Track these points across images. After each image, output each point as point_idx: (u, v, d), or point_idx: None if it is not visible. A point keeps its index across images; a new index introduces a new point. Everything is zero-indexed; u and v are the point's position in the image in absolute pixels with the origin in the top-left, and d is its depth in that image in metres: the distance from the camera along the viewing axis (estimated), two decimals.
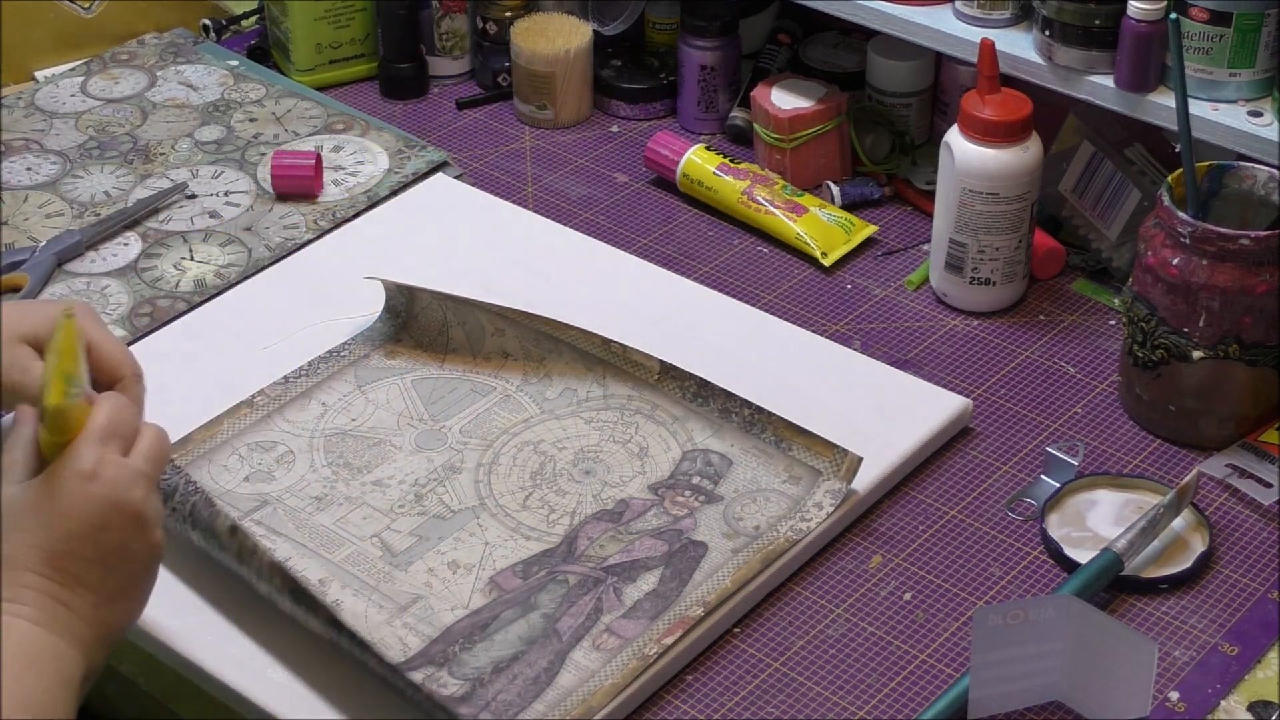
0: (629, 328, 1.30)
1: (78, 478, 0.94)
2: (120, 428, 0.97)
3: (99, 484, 0.94)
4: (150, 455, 0.98)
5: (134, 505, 0.95)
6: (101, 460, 0.94)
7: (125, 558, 0.95)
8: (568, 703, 1.03)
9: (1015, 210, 1.33)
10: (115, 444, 0.96)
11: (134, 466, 0.96)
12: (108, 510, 0.94)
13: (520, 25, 1.62)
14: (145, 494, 0.96)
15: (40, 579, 0.93)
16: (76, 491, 0.93)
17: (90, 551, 0.94)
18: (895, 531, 1.19)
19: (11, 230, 1.45)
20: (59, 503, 0.93)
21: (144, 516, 0.95)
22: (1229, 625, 1.11)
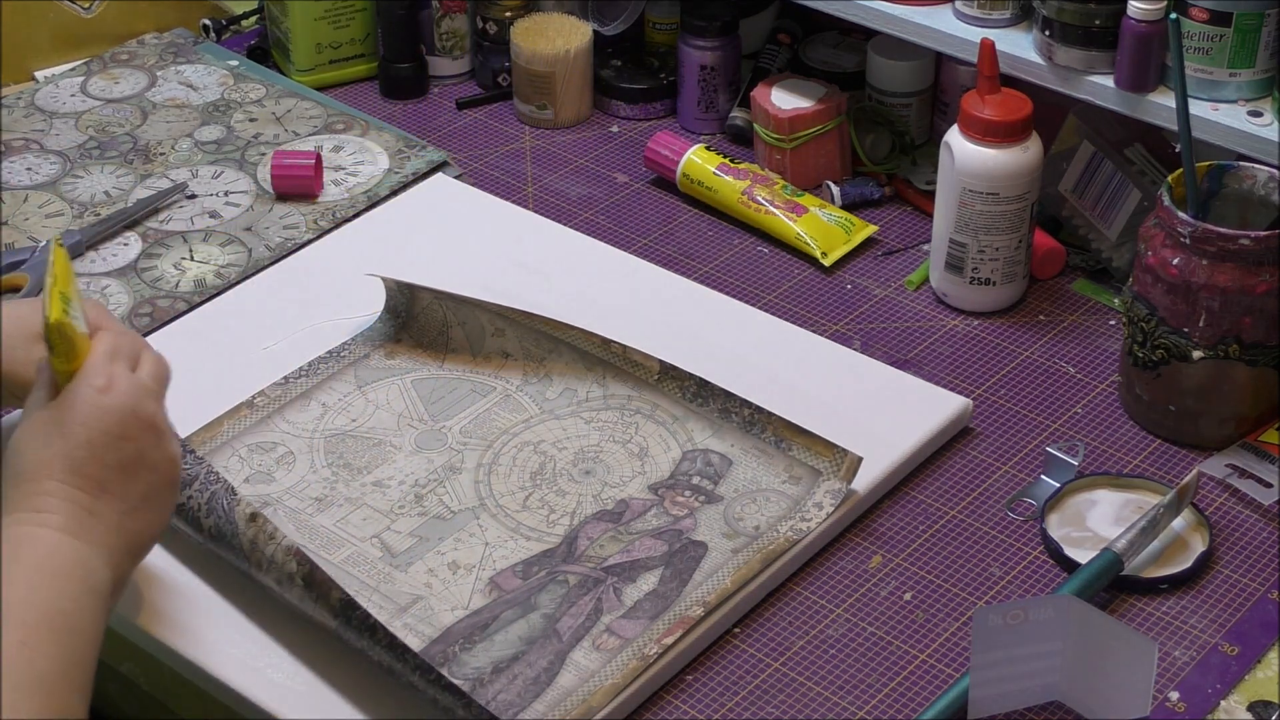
0: (629, 328, 1.30)
1: (92, 390, 0.97)
2: (125, 349, 1.01)
3: (113, 394, 0.97)
4: (156, 374, 1.02)
5: (148, 414, 0.98)
6: (113, 374, 0.98)
7: (145, 465, 0.98)
8: (568, 703, 1.03)
9: (1015, 210, 1.33)
10: (123, 362, 1.00)
11: (143, 381, 1.00)
12: (124, 418, 0.97)
13: (520, 25, 1.62)
14: (157, 406, 1.00)
15: (65, 486, 0.95)
16: (92, 402, 0.97)
17: (112, 458, 0.96)
18: (895, 531, 1.19)
19: (11, 230, 1.45)
20: (77, 413, 0.96)
21: (159, 426, 0.99)
22: (1229, 625, 1.11)
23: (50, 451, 0.96)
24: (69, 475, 0.95)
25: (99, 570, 0.95)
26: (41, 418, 0.98)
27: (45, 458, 0.96)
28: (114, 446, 0.97)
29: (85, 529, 0.95)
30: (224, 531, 1.09)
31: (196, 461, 1.13)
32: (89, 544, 0.95)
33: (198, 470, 1.12)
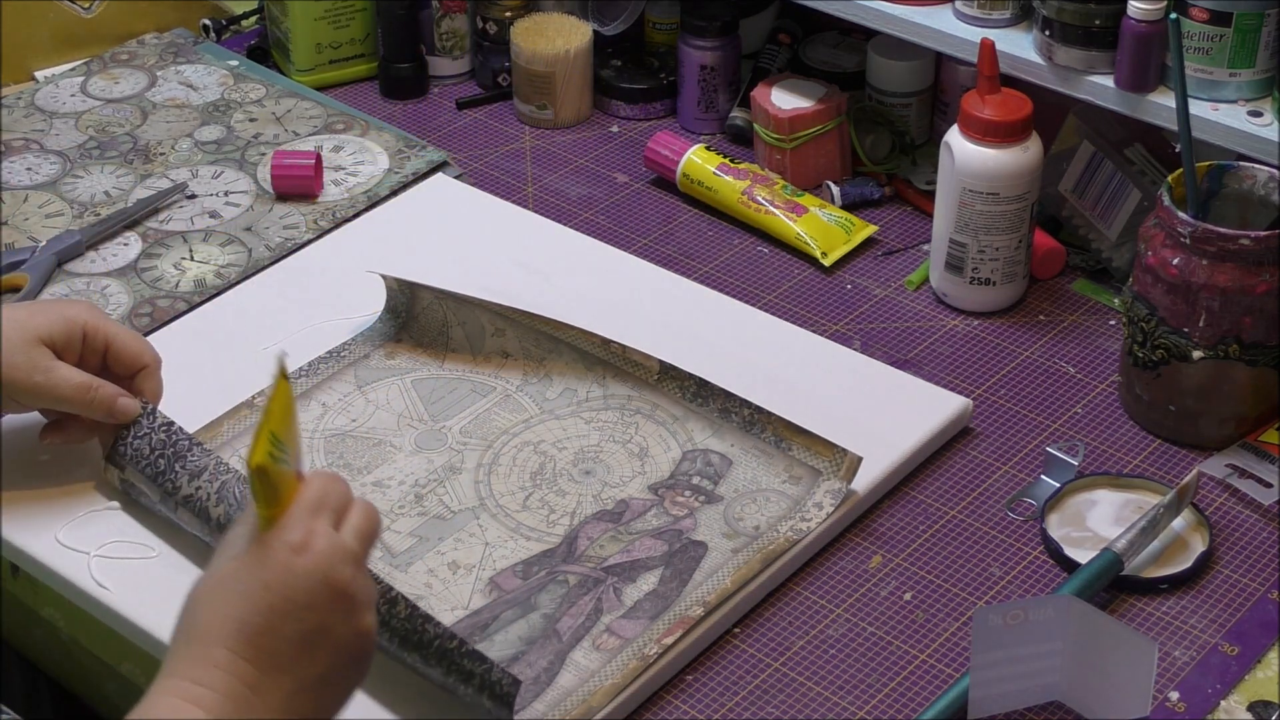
0: (629, 328, 1.30)
1: (285, 548, 0.88)
2: (332, 500, 0.92)
3: (307, 556, 0.88)
4: (361, 532, 0.92)
5: (342, 581, 0.89)
6: (311, 531, 0.89)
7: (328, 642, 0.89)
8: (568, 703, 1.03)
9: (1015, 210, 1.33)
10: (326, 516, 0.91)
11: (344, 542, 0.91)
12: (314, 585, 0.88)
13: (520, 25, 1.62)
14: (355, 572, 0.90)
15: (232, 656, 0.86)
16: (282, 563, 0.88)
17: (291, 629, 0.87)
18: (895, 531, 1.19)
19: (11, 230, 1.45)
20: (263, 573, 0.88)
21: (352, 596, 0.90)
22: (1229, 625, 1.11)
23: (225, 613, 0.87)
24: (239, 643, 0.86)
25: None
26: (227, 570, 0.89)
27: (219, 619, 0.87)
28: (296, 617, 0.87)
29: (244, 709, 0.86)
30: (234, 520, 1.09)
31: (205, 453, 1.13)
32: None
33: (207, 461, 1.12)
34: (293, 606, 0.87)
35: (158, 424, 1.15)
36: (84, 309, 1.15)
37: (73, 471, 1.20)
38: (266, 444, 0.87)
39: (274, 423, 0.88)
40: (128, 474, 1.16)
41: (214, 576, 0.89)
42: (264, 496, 0.89)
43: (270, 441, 0.88)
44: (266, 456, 0.87)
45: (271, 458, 0.88)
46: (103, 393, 1.14)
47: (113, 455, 1.16)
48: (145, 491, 1.15)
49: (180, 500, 1.12)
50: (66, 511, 1.17)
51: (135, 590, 1.12)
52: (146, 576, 1.13)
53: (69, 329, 1.13)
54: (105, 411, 1.14)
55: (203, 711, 0.85)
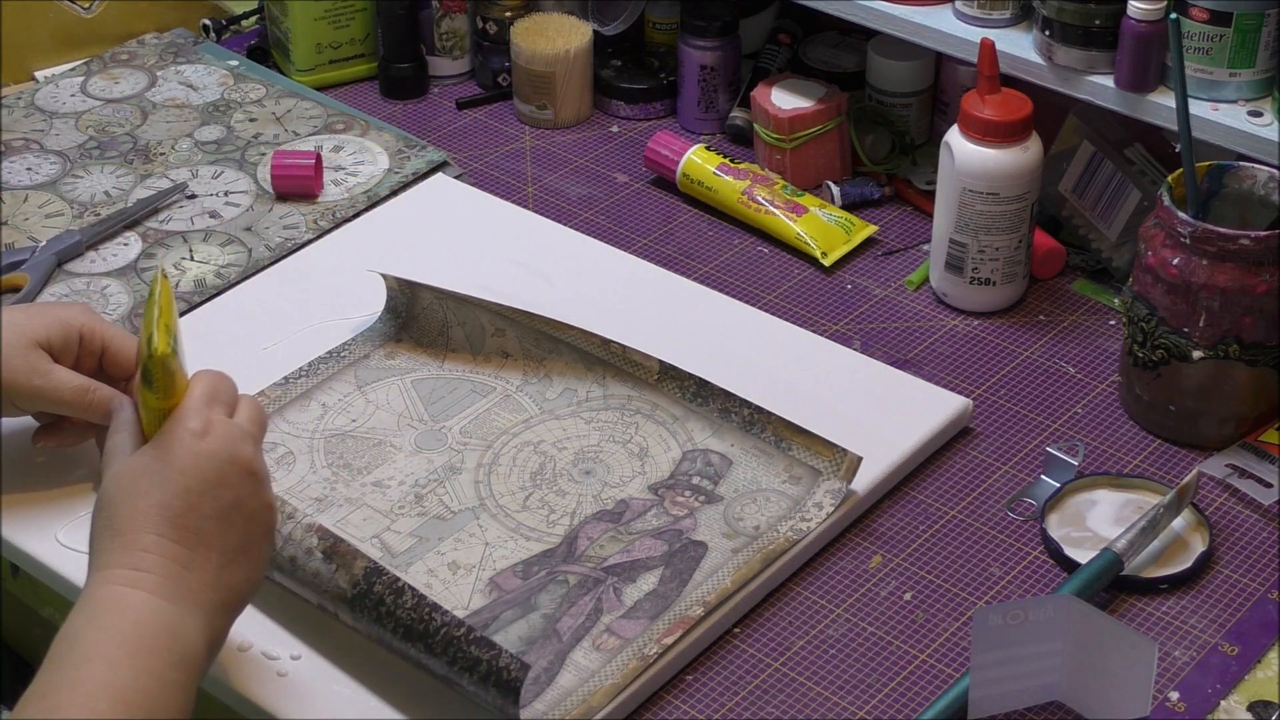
0: (629, 328, 1.30)
1: (190, 435, 0.95)
2: (222, 393, 0.99)
3: (211, 439, 0.95)
4: (253, 417, 1.00)
5: (246, 460, 0.96)
6: (210, 420, 0.96)
7: (243, 514, 0.96)
8: (568, 703, 1.03)
9: (1015, 210, 1.33)
10: (220, 407, 0.98)
11: (241, 426, 0.98)
12: (222, 465, 0.95)
13: (520, 25, 1.62)
14: (255, 451, 0.97)
15: (161, 540, 0.92)
16: (190, 448, 0.94)
17: (209, 507, 0.94)
18: (895, 531, 1.19)
19: (11, 230, 1.45)
20: (174, 460, 0.94)
21: (257, 472, 0.97)
22: (1229, 625, 1.11)
23: (147, 501, 0.93)
24: (166, 527, 0.93)
25: (191, 635, 0.92)
26: (136, 464, 0.95)
27: (142, 508, 0.93)
28: (211, 495, 0.94)
29: (180, 588, 0.92)
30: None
31: None
32: (183, 605, 0.92)
33: None
34: (207, 485, 0.94)
35: None
36: (80, 312, 1.15)
37: (72, 472, 1.20)
38: (166, 335, 0.93)
39: (167, 317, 0.94)
40: None
41: (122, 473, 0.95)
42: (163, 386, 0.95)
43: (168, 333, 0.94)
44: (168, 346, 0.93)
45: (171, 349, 0.94)
46: (100, 395, 1.14)
47: None
48: None
49: None
50: (66, 512, 1.17)
51: None
52: None
53: (66, 332, 1.13)
54: (103, 414, 1.14)
55: (145, 591, 0.90)
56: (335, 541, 1.05)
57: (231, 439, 0.96)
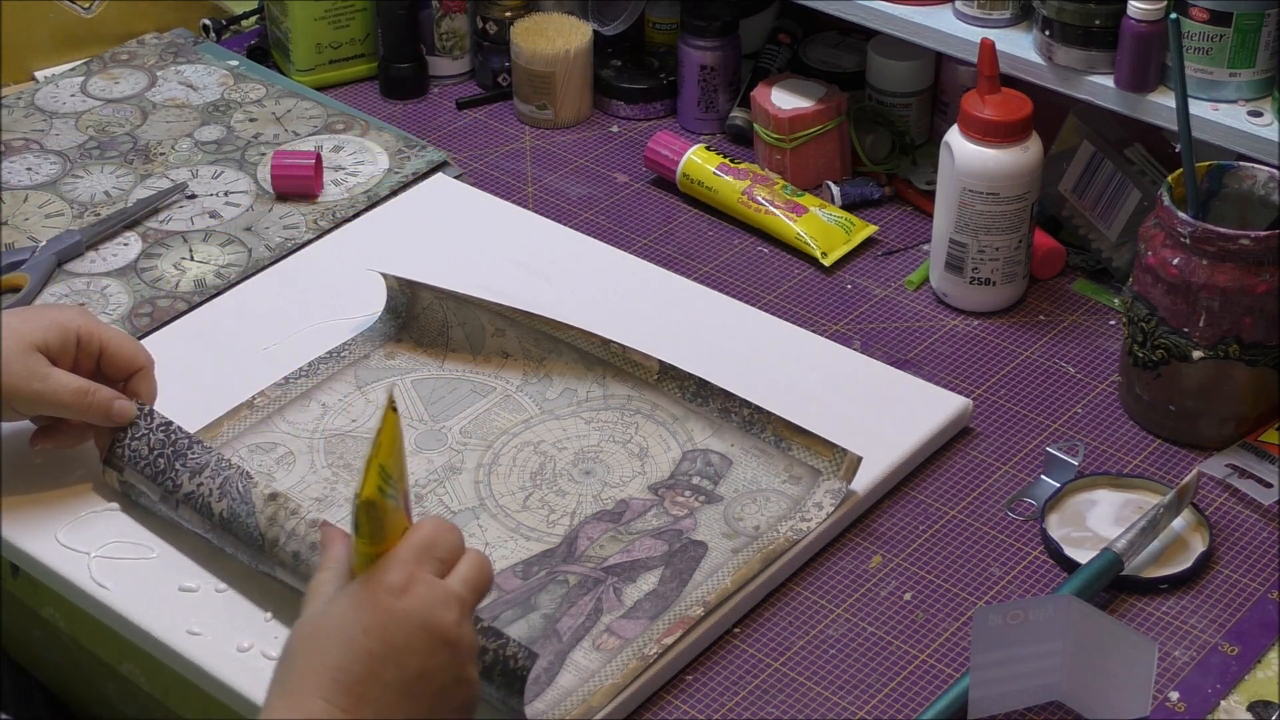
0: (629, 328, 1.30)
1: (385, 590, 0.85)
2: (440, 548, 0.89)
3: (408, 600, 0.86)
4: (470, 581, 0.89)
5: (444, 627, 0.86)
6: (414, 576, 0.86)
7: (430, 688, 0.86)
8: (568, 703, 1.03)
9: (1015, 210, 1.33)
10: (431, 563, 0.88)
11: (449, 587, 0.88)
12: (414, 630, 0.85)
13: (520, 25, 1.62)
14: (459, 618, 0.87)
15: (329, 707, 0.83)
16: (382, 606, 0.85)
17: (391, 676, 0.84)
18: (895, 531, 1.19)
19: (11, 230, 1.45)
20: (361, 617, 0.85)
21: (456, 642, 0.87)
22: (1229, 625, 1.11)
23: (321, 660, 0.84)
24: (338, 694, 0.83)
25: None
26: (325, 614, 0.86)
27: (316, 666, 0.84)
28: (395, 661, 0.84)
29: None
30: (237, 513, 1.09)
31: (205, 450, 1.13)
32: None
33: (207, 458, 1.12)
34: (392, 651, 0.84)
35: (155, 424, 1.15)
36: (76, 314, 1.15)
37: (72, 472, 1.20)
38: (376, 478, 0.84)
39: (383, 456, 0.85)
40: (127, 476, 1.16)
41: (311, 621, 0.86)
42: (369, 532, 0.86)
43: (380, 475, 0.85)
44: (376, 490, 0.84)
45: (380, 492, 0.85)
46: (99, 396, 1.14)
47: (111, 458, 1.16)
48: (145, 492, 1.15)
49: (181, 498, 1.12)
50: (66, 512, 1.17)
51: (135, 590, 1.12)
52: (146, 577, 1.13)
53: (63, 335, 1.13)
54: (103, 415, 1.14)
55: None
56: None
57: (432, 602, 0.86)
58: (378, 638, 0.84)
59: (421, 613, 0.86)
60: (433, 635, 0.86)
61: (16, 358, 1.11)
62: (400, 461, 0.88)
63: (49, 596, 1.19)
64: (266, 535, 1.07)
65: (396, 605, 0.85)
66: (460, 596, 0.88)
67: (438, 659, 0.86)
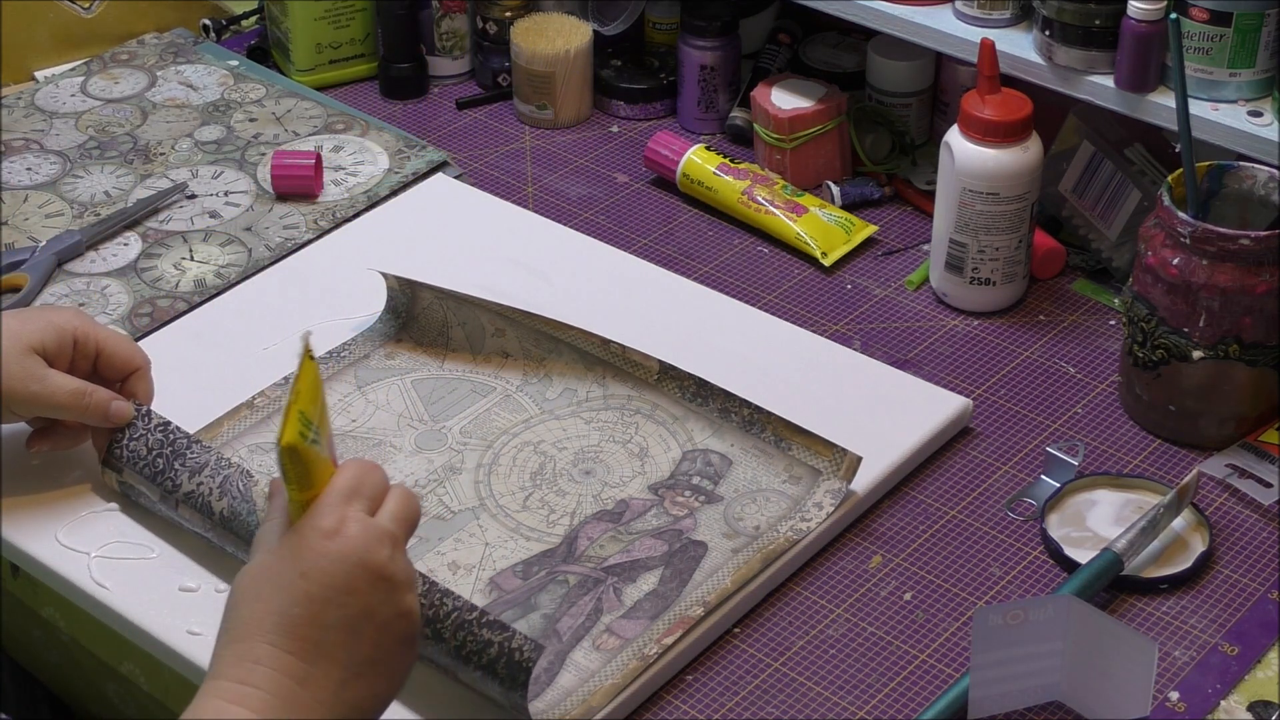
0: (629, 328, 1.30)
1: (318, 534, 0.87)
2: (366, 487, 0.91)
3: (340, 540, 0.87)
4: (398, 515, 0.91)
5: (379, 563, 0.88)
6: (345, 517, 0.88)
7: (374, 623, 0.88)
8: (568, 703, 1.03)
9: (1015, 210, 1.33)
10: (360, 502, 0.90)
11: (380, 524, 0.90)
12: (351, 569, 0.87)
13: (520, 25, 1.62)
14: (392, 553, 0.89)
15: (276, 651, 0.85)
16: (316, 548, 0.87)
17: (333, 616, 0.86)
18: (895, 531, 1.19)
19: (11, 230, 1.45)
20: (298, 562, 0.87)
21: (392, 577, 0.89)
22: (1229, 625, 1.11)
23: (264, 607, 0.86)
24: (282, 637, 0.85)
25: None
26: (262, 564, 0.88)
27: (258, 614, 0.86)
28: (336, 602, 0.86)
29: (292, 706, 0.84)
30: (238, 512, 1.09)
31: (204, 450, 1.13)
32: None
33: (207, 458, 1.12)
34: (332, 592, 0.87)
35: (154, 424, 1.15)
36: (72, 315, 1.15)
37: (72, 473, 1.20)
38: (296, 423, 0.86)
39: (302, 402, 0.87)
40: (126, 476, 1.16)
41: (250, 571, 0.88)
42: (296, 478, 0.88)
43: (300, 421, 0.86)
44: (297, 435, 0.86)
45: (301, 437, 0.86)
46: (97, 398, 1.14)
47: (109, 459, 1.16)
48: (144, 492, 1.15)
49: (181, 498, 1.12)
50: (66, 512, 1.17)
51: (135, 590, 1.12)
52: (146, 577, 1.13)
53: (60, 336, 1.13)
54: (101, 416, 1.14)
55: (249, 711, 0.84)
56: None
57: (366, 540, 0.88)
58: (316, 580, 0.86)
59: (356, 552, 0.88)
60: (369, 572, 0.88)
61: (14, 359, 1.11)
62: (321, 407, 0.90)
63: (49, 596, 1.19)
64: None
65: (331, 547, 0.87)
66: (391, 532, 0.90)
67: (376, 595, 0.88)
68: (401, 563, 0.90)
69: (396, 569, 0.89)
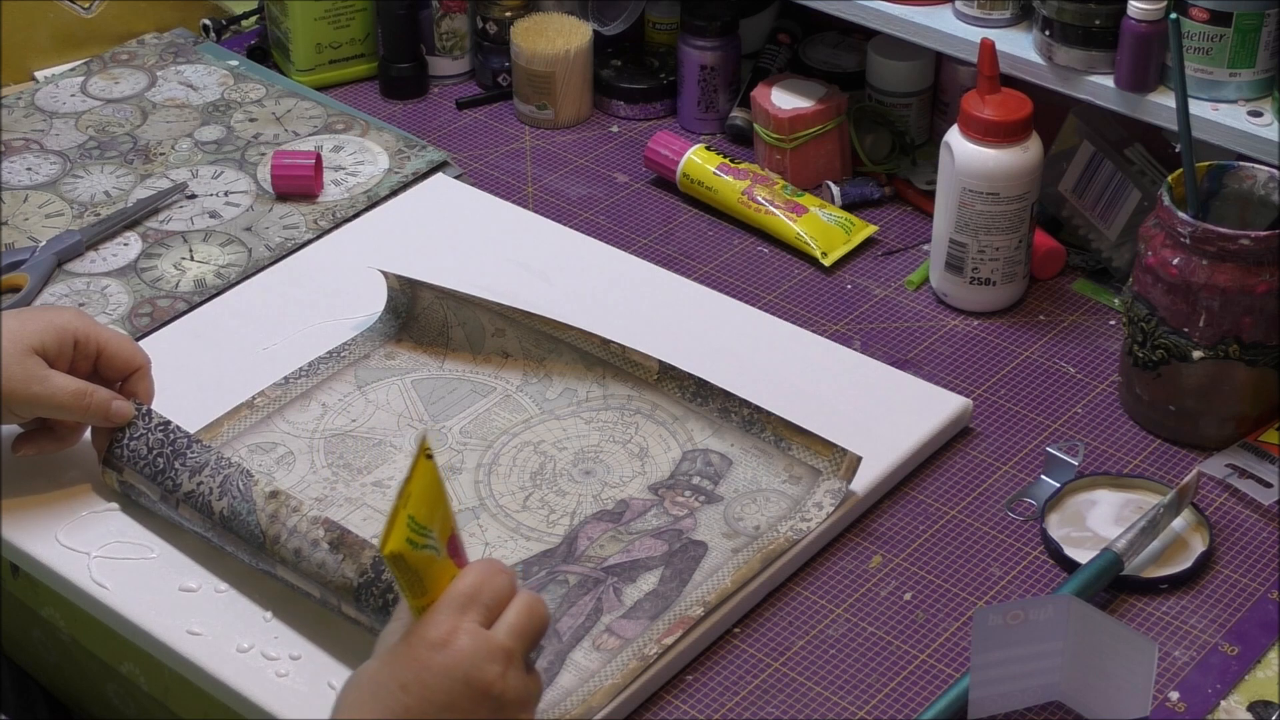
0: (629, 328, 1.30)
1: (425, 645, 0.83)
2: (485, 594, 0.85)
3: (447, 654, 0.83)
4: (517, 629, 0.86)
5: (487, 681, 0.83)
6: (456, 628, 0.84)
7: None
8: (568, 703, 1.03)
9: (1015, 210, 1.33)
10: (477, 612, 0.85)
11: (493, 638, 0.84)
12: (454, 685, 0.83)
13: (520, 25, 1.62)
14: (504, 670, 0.84)
15: None
16: (421, 661, 0.83)
17: None
18: (895, 531, 1.19)
19: (11, 230, 1.45)
20: (400, 673, 0.83)
21: (500, 695, 0.84)
22: (1229, 625, 1.11)
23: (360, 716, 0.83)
24: None
25: None
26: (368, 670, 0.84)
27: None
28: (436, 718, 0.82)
29: None
30: (238, 511, 1.09)
31: (204, 449, 1.13)
32: None
33: (207, 457, 1.12)
34: (432, 709, 0.82)
35: (154, 424, 1.15)
36: (72, 316, 1.15)
37: (72, 473, 1.20)
38: (404, 529, 0.81)
39: (413, 506, 0.82)
40: (126, 476, 1.16)
41: (358, 675, 0.85)
42: (406, 585, 0.84)
43: (409, 527, 0.81)
44: (404, 543, 0.81)
45: (410, 544, 0.82)
46: (97, 398, 1.14)
47: (109, 459, 1.16)
48: (145, 492, 1.15)
49: (181, 497, 1.12)
50: (66, 512, 1.17)
51: (135, 590, 1.12)
52: (146, 577, 1.13)
53: (60, 337, 1.13)
54: (101, 416, 1.14)
55: None
56: (343, 533, 1.05)
57: (475, 655, 0.83)
58: (416, 694, 0.82)
59: (463, 667, 0.83)
60: (474, 690, 0.83)
61: (15, 361, 1.11)
62: (439, 509, 0.85)
63: (49, 596, 1.19)
64: (268, 533, 1.08)
65: (436, 659, 0.83)
66: (505, 647, 0.85)
67: (479, 714, 0.83)
68: (514, 681, 0.85)
69: (506, 688, 0.84)
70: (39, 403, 1.13)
